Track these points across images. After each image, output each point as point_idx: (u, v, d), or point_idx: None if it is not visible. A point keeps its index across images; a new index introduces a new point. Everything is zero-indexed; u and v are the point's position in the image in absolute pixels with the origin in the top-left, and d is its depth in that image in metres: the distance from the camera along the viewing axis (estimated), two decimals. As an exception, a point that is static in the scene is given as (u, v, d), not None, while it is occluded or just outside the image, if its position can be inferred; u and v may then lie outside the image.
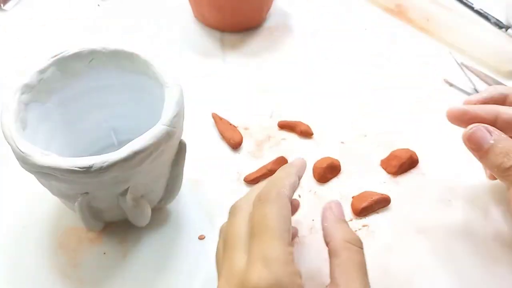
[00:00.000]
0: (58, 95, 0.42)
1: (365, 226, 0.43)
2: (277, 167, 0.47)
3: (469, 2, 0.64)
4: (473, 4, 0.64)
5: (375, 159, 0.48)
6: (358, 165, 0.48)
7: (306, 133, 0.50)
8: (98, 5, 0.67)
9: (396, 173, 0.47)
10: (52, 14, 0.65)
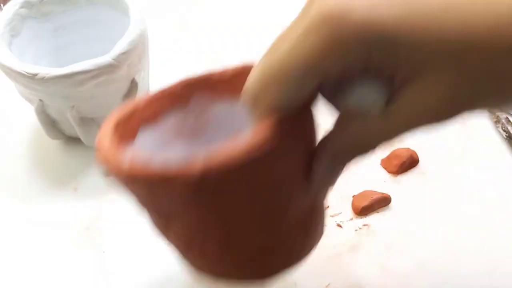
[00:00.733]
0: (57, 18, 0.48)
1: (365, 226, 0.43)
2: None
3: (470, 1, 0.64)
4: (474, 3, 0.64)
5: (376, 158, 0.48)
6: (359, 164, 0.47)
7: (306, 132, 0.50)
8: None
9: (396, 172, 0.47)
10: None
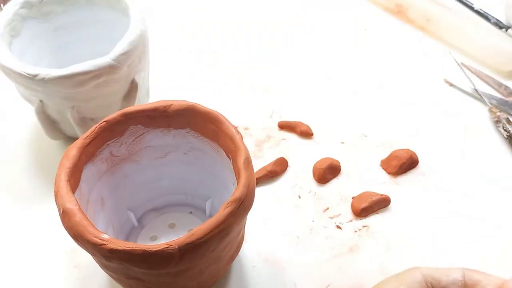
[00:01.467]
0: (57, 18, 0.48)
1: (365, 227, 0.43)
2: (278, 168, 0.47)
3: (469, 2, 0.64)
4: (473, 4, 0.64)
5: (375, 159, 0.48)
6: (358, 165, 0.48)
7: (306, 133, 0.50)
8: None
9: (396, 173, 0.47)
10: None
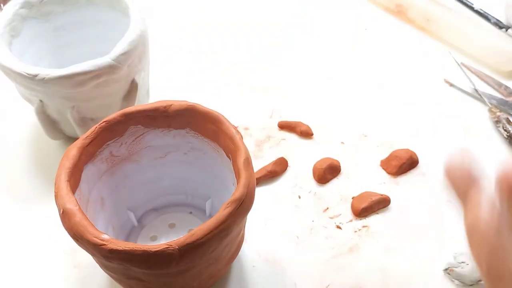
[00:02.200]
0: (57, 18, 0.48)
1: (365, 227, 0.43)
2: (278, 168, 0.47)
3: (469, 2, 0.64)
4: (473, 4, 0.64)
5: (375, 159, 0.48)
6: (358, 165, 0.48)
7: (306, 133, 0.50)
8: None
9: (396, 173, 0.47)
10: None
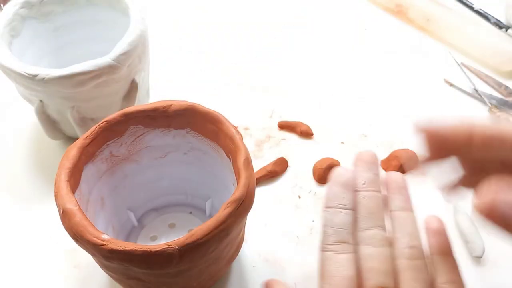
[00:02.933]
0: (57, 18, 0.48)
1: (365, 227, 0.43)
2: (278, 168, 0.47)
3: (469, 2, 0.64)
4: (473, 4, 0.64)
5: (375, 159, 0.48)
6: (358, 165, 0.48)
7: (306, 133, 0.50)
8: None
9: (396, 173, 0.47)
10: None
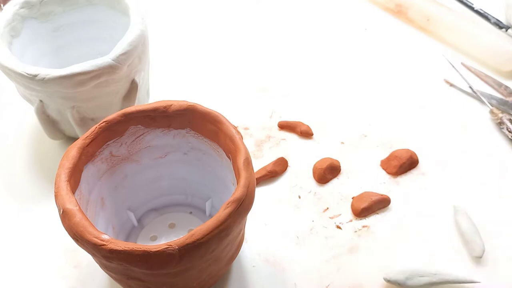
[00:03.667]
0: (57, 18, 0.48)
1: (365, 227, 0.43)
2: (278, 168, 0.47)
3: (469, 2, 0.64)
4: (473, 4, 0.64)
5: (375, 160, 0.48)
6: (358, 165, 0.48)
7: (306, 133, 0.50)
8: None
9: (396, 173, 0.47)
10: None
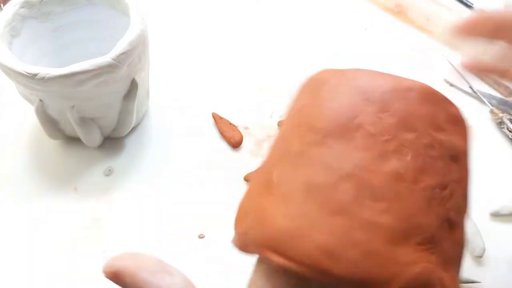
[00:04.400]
0: (57, 18, 0.48)
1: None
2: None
3: (469, 2, 0.64)
4: (473, 4, 0.64)
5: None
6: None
7: (306, 133, 0.50)
8: None
9: (396, 172, 0.47)
10: None
